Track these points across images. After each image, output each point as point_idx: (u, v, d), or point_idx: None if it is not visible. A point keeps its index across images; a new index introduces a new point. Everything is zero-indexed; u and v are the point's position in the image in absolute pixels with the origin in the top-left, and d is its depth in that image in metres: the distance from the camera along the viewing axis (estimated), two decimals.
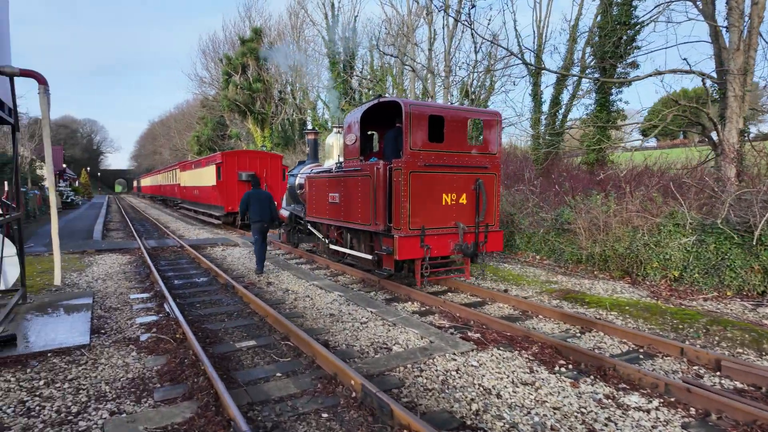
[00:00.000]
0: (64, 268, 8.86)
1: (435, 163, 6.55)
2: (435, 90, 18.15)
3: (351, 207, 7.41)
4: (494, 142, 7.14)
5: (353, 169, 7.31)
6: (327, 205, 8.30)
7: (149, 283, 7.83)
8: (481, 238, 6.96)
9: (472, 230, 6.91)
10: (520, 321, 5.80)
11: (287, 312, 6.13)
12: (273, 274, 8.67)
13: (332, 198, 8.04)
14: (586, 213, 8.42)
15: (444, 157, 6.66)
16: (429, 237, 6.51)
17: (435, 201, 6.60)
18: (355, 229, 7.54)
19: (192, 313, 6.10)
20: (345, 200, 7.61)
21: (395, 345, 4.84)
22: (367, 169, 6.87)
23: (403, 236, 6.32)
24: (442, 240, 6.67)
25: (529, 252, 9.74)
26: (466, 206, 6.89)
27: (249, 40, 26.50)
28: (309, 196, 9.21)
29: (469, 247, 6.78)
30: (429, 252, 6.46)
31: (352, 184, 7.35)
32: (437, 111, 6.76)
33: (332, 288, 7.36)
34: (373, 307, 6.24)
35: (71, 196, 29.45)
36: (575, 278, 7.93)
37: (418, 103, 6.75)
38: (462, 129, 6.85)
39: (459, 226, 6.74)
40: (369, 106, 7.30)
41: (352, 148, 7.44)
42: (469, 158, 6.92)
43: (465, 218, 6.88)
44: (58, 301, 6.46)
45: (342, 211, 7.73)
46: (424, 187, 6.47)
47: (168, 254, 11.03)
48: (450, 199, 6.72)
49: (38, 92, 4.96)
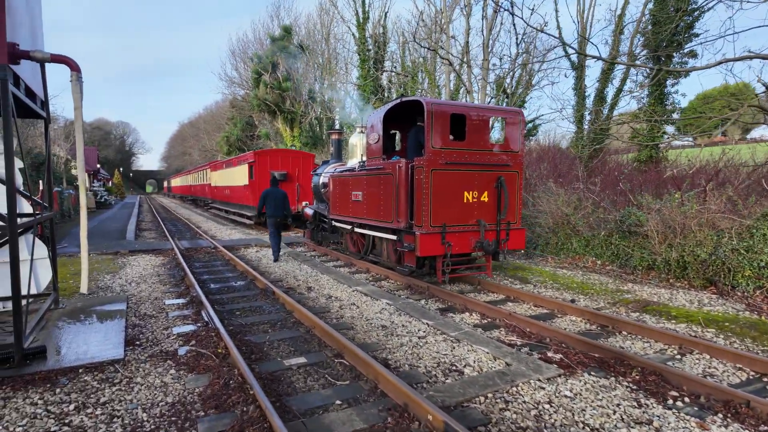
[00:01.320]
0: (97, 270, 8.56)
1: (456, 161, 6.57)
2: (472, 84, 17.36)
3: (374, 205, 7.53)
4: (516, 140, 7.07)
5: (376, 168, 7.42)
6: (350, 204, 8.44)
7: (184, 287, 7.40)
8: (502, 236, 6.96)
9: (493, 228, 6.90)
10: (602, 338, 5.05)
11: (335, 323, 5.55)
12: (312, 278, 8.14)
13: (355, 196, 8.20)
14: (657, 213, 7.56)
15: (465, 155, 6.67)
16: (450, 234, 6.56)
17: (456, 199, 6.63)
18: (377, 226, 7.66)
19: (232, 321, 5.59)
20: (368, 198, 7.73)
21: (466, 367, 4.18)
22: (390, 167, 6.96)
23: (425, 233, 6.39)
24: (463, 237, 6.69)
25: (588, 256, 8.91)
26: (488, 204, 6.89)
27: (279, 38, 26.27)
28: (332, 194, 9.38)
29: (490, 244, 6.77)
30: (450, 249, 6.50)
31: (375, 182, 7.45)
32: (459, 110, 6.75)
33: (378, 295, 6.75)
34: (428, 318, 5.60)
35: (105, 195, 29.89)
36: (649, 287, 7.09)
37: (440, 102, 6.68)
38: (484, 127, 6.82)
39: (480, 224, 6.74)
40: (391, 106, 7.30)
41: (374, 147, 7.57)
42: (491, 156, 6.90)
43: (487, 216, 6.88)
44: (91, 307, 6.06)
45: (365, 209, 7.87)
46: (445, 184, 6.51)
47: (202, 255, 10.66)
48: (471, 196, 6.74)
49: (70, 80, 4.52)
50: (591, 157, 16.59)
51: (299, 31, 28.61)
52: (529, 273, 8.21)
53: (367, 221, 7.87)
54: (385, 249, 8.08)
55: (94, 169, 35.40)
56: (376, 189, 7.42)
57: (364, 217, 7.91)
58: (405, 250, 6.81)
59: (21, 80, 4.54)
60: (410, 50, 26.00)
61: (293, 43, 26.89)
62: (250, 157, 16.28)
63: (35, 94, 4.91)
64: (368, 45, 25.34)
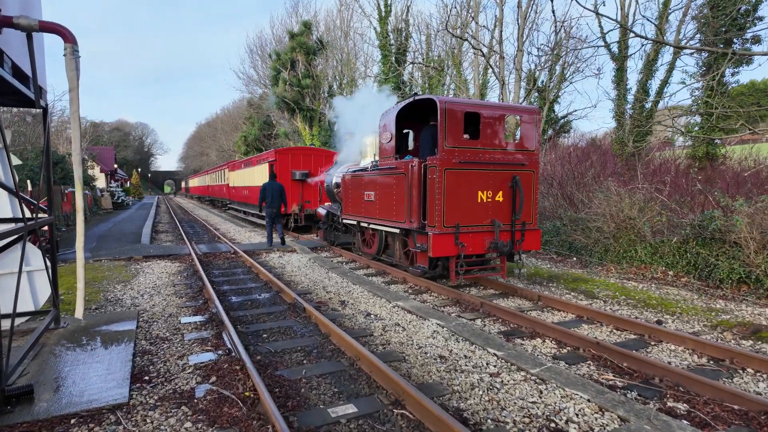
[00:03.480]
0: (107, 279, 7.77)
1: (470, 160, 6.42)
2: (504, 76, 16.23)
3: (386, 205, 7.44)
4: (532, 138, 6.91)
5: (388, 168, 7.33)
6: (363, 203, 8.33)
7: (203, 300, 6.54)
8: (517, 237, 6.75)
9: (508, 228, 6.71)
10: (723, 377, 4.00)
11: (381, 351, 4.60)
12: (344, 290, 7.21)
13: (368, 196, 8.08)
14: (747, 217, 6.44)
15: (480, 154, 6.51)
16: (464, 235, 6.43)
17: (470, 198, 6.48)
18: (390, 226, 7.56)
19: (258, 347, 4.69)
20: (380, 198, 7.64)
21: (569, 424, 3.18)
22: (402, 167, 6.87)
23: (438, 233, 6.26)
24: (477, 238, 6.55)
25: (657, 265, 7.80)
26: (503, 204, 6.71)
27: (298, 33, 25.45)
28: (345, 194, 9.32)
29: (504, 245, 6.60)
30: (463, 249, 6.36)
31: (387, 182, 7.36)
32: (473, 107, 6.61)
33: (423, 312, 5.78)
34: (494, 346, 4.61)
35: (122, 196, 29.48)
36: (747, 305, 5.98)
37: (454, 100, 6.47)
38: (498, 125, 6.66)
39: (495, 224, 6.59)
40: (404, 105, 7.11)
41: (387, 146, 7.48)
42: (506, 155, 6.74)
43: (501, 216, 6.71)
44: (96, 327, 5.23)
45: (377, 209, 7.76)
46: (459, 184, 6.36)
47: (221, 261, 9.83)
48: (486, 196, 6.59)
49: (64, 53, 3.66)
50: (632, 155, 15.38)
51: (318, 26, 27.78)
52: (592, 285, 7.15)
53: (379, 221, 7.75)
54: (398, 250, 7.93)
55: (111, 169, 35.12)
56: (389, 189, 7.32)
57: (377, 217, 7.80)
58: (418, 250, 6.75)
59: (6, 57, 3.70)
60: (435, 44, 24.98)
61: (313, 39, 26.06)
62: (271, 155, 15.46)
63: (25, 76, 4.07)
64: (390, 39, 24.40)
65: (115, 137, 76.36)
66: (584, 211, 9.36)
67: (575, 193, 9.64)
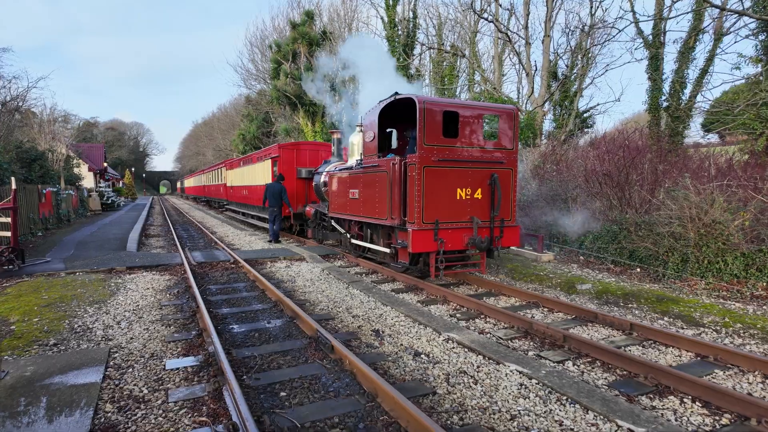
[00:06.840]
0: (78, 299, 6.25)
1: (449, 158, 6.51)
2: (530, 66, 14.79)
3: (369, 202, 7.50)
4: (510, 137, 6.96)
5: (371, 165, 7.44)
6: (348, 201, 8.41)
7: (196, 331, 5.05)
8: (496, 233, 6.84)
9: (487, 225, 6.79)
10: None
11: (459, 425, 3.13)
12: (374, 314, 5.74)
13: (352, 194, 8.16)
14: None
15: (458, 153, 6.61)
16: (443, 231, 6.51)
17: (449, 195, 6.55)
18: (374, 224, 7.65)
19: (277, 417, 3.20)
20: (364, 196, 7.69)
21: None
22: (384, 164, 6.98)
23: (417, 230, 6.34)
24: (456, 234, 6.63)
25: (756, 280, 6.36)
26: (482, 201, 6.78)
27: (301, 23, 23.93)
28: (331, 192, 9.40)
29: (482, 241, 6.68)
30: (443, 245, 6.45)
31: (370, 179, 7.43)
32: (451, 107, 6.65)
33: (493, 352, 4.31)
34: (618, 413, 3.16)
35: (112, 197, 27.73)
36: None
37: (432, 99, 6.54)
38: (477, 124, 6.74)
39: (474, 221, 6.67)
40: (387, 104, 7.14)
41: (370, 145, 7.57)
42: (485, 153, 6.81)
43: (480, 213, 6.78)
44: (46, 377, 3.73)
45: (361, 207, 7.82)
46: (438, 181, 6.44)
47: (219, 274, 8.32)
48: (465, 193, 6.66)
49: None
50: (669, 151, 13.99)
51: (321, 17, 26.27)
52: (685, 307, 5.69)
53: (363, 219, 7.79)
54: (382, 247, 7.82)
55: (100, 167, 33.38)
56: (371, 186, 7.38)
57: (361, 214, 7.85)
58: (398, 246, 6.81)
59: None
60: (446, 34, 23.55)
61: (315, 30, 24.55)
62: (274, 151, 13.93)
63: None
64: (398, 30, 22.93)
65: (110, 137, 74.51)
66: (647, 212, 7.91)
67: (639, 191, 8.20)
